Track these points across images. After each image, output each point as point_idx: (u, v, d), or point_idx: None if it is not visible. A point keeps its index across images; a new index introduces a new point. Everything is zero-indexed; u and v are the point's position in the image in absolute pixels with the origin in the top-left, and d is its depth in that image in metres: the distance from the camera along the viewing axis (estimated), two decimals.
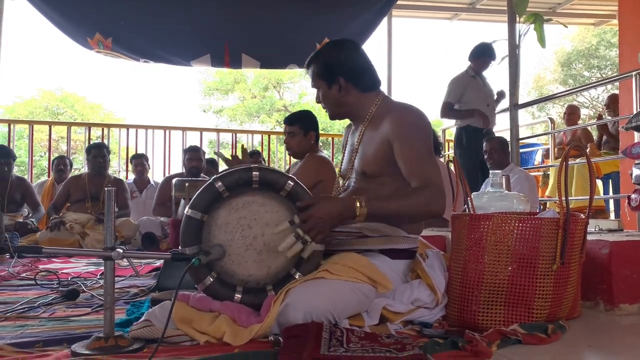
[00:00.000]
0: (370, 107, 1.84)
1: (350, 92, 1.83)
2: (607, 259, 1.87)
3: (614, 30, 9.45)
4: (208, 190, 1.58)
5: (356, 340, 1.34)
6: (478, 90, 4.96)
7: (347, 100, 1.84)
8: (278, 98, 21.34)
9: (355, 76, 1.83)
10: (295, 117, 3.57)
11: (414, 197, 1.63)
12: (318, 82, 1.87)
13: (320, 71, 1.84)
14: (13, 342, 1.42)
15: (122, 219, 4.79)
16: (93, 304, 2.02)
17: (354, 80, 1.83)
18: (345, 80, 1.82)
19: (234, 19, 5.79)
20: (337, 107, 1.88)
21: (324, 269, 1.56)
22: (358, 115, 1.87)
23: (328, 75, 1.83)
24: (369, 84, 1.86)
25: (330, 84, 1.84)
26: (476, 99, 4.91)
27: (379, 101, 1.85)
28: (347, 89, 1.83)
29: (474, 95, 4.92)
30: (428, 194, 1.63)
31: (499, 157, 4.47)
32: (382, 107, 1.83)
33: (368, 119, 1.83)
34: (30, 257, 3.56)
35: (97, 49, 5.83)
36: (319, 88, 1.88)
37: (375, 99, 1.85)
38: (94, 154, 4.96)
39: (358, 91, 1.84)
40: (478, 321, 1.58)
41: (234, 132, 8.19)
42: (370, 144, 1.79)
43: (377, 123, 1.79)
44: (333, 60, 1.83)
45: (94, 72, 33.30)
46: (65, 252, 2.84)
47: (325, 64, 1.83)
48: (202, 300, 1.52)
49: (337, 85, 1.82)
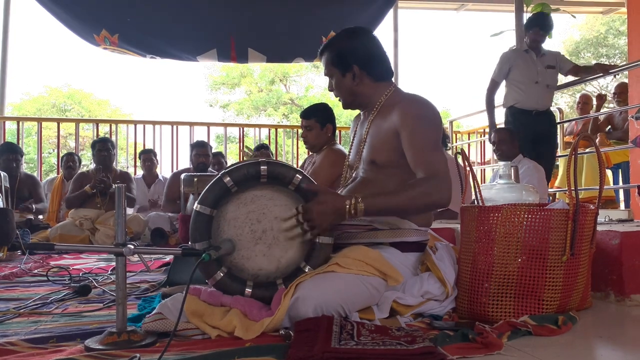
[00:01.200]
0: (381, 97, 1.83)
1: (364, 81, 1.83)
2: (618, 249, 1.86)
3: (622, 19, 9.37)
4: (216, 186, 1.58)
5: (367, 333, 1.35)
6: (527, 66, 4.40)
7: (360, 89, 1.84)
8: (285, 91, 21.32)
9: (369, 65, 1.82)
10: (311, 110, 3.55)
11: (417, 188, 1.61)
12: (332, 70, 1.86)
13: (335, 59, 1.83)
14: (27, 338, 1.43)
15: (132, 214, 4.82)
16: (105, 299, 2.04)
17: (368, 69, 1.82)
18: (359, 69, 1.81)
19: (240, 13, 5.79)
20: (350, 95, 1.87)
21: (334, 262, 1.57)
22: (369, 105, 1.87)
23: (342, 63, 1.82)
24: (382, 73, 1.85)
25: (344, 72, 1.83)
26: (522, 76, 4.39)
27: (390, 92, 1.84)
28: (361, 77, 1.82)
29: (520, 71, 4.40)
30: (432, 185, 1.61)
31: (507, 148, 4.44)
32: (392, 98, 1.82)
33: (377, 108, 1.83)
34: (42, 253, 3.59)
35: (104, 46, 5.86)
36: (332, 76, 1.87)
37: (386, 89, 1.85)
38: (99, 148, 5.00)
39: (371, 80, 1.83)
40: (488, 313, 1.58)
41: (241, 126, 8.17)
42: (378, 133, 1.79)
43: (386, 113, 1.79)
44: (347, 48, 1.82)
45: (101, 68, 33.39)
46: (77, 248, 2.86)
47: (339, 52, 1.83)
48: (213, 295, 1.53)
49: (351, 73, 1.82)
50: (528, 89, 4.36)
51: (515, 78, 4.41)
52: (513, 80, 4.42)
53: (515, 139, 4.55)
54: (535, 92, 4.36)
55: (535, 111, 4.37)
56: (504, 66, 4.45)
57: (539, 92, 4.38)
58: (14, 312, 1.80)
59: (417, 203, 1.63)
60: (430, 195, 1.61)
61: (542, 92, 4.40)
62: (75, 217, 4.77)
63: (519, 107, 4.39)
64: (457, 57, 33.36)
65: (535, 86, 4.36)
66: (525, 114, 4.37)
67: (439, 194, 1.62)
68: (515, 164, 4.08)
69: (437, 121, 1.76)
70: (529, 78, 4.37)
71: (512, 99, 4.44)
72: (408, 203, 1.62)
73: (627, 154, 5.31)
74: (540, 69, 4.40)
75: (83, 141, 11.38)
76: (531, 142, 4.24)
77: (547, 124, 4.46)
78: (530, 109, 4.37)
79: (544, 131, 4.41)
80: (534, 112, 4.36)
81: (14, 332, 1.55)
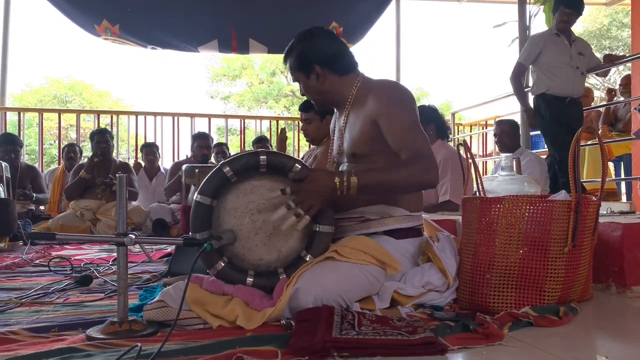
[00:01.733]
0: (351, 90, 1.83)
1: (328, 78, 1.83)
2: (619, 241, 1.86)
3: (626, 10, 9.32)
4: (216, 176, 1.58)
5: (367, 323, 1.35)
6: (561, 50, 4.05)
7: (326, 87, 1.84)
8: (285, 83, 21.26)
9: (330, 61, 1.81)
10: (310, 103, 3.53)
11: (404, 168, 1.59)
12: (297, 75, 1.86)
13: (296, 63, 1.84)
14: (29, 327, 1.44)
15: (133, 205, 4.82)
16: (106, 289, 2.04)
17: (330, 66, 1.82)
18: (320, 67, 1.81)
19: (241, 4, 5.77)
20: (319, 95, 1.87)
21: (334, 250, 1.57)
22: (340, 100, 1.86)
23: (304, 65, 1.82)
24: (346, 67, 1.85)
25: (307, 74, 1.83)
26: (555, 61, 4.03)
27: (359, 82, 1.84)
28: (325, 75, 1.82)
29: (553, 55, 4.03)
30: (419, 165, 1.59)
31: (509, 140, 4.43)
32: (362, 88, 1.82)
33: (350, 101, 1.83)
34: (43, 244, 3.60)
35: (105, 36, 5.84)
36: (299, 81, 1.88)
37: (354, 81, 1.84)
38: (97, 139, 4.99)
39: (336, 76, 1.83)
40: (489, 304, 1.58)
41: (242, 118, 8.16)
42: (355, 125, 1.78)
43: (360, 104, 1.79)
44: (305, 49, 1.82)
45: (102, 59, 33.35)
46: (78, 238, 2.86)
47: (298, 55, 1.83)
48: (216, 283, 1.53)
49: (314, 74, 1.82)
50: (562, 74, 4.01)
51: (547, 62, 4.06)
52: (545, 65, 4.06)
53: (517, 130, 4.53)
54: (571, 78, 4.02)
55: (569, 98, 4.02)
56: (533, 49, 4.10)
57: (574, 78, 4.03)
58: (16, 302, 1.80)
59: (407, 181, 1.59)
60: (420, 175, 1.59)
61: (577, 78, 4.05)
62: (77, 208, 4.77)
63: (552, 94, 4.03)
64: (460, 49, 33.19)
65: (570, 71, 4.02)
66: (559, 100, 4.02)
67: (427, 173, 1.60)
68: (517, 155, 4.08)
69: (411, 102, 1.76)
70: (563, 63, 4.02)
71: (544, 86, 4.05)
72: (400, 180, 1.58)
73: (630, 147, 5.30)
74: (574, 54, 4.07)
75: (84, 132, 11.36)
76: (565, 131, 3.87)
77: (579, 113, 4.15)
78: (565, 95, 4.02)
79: (577, 120, 4.05)
80: (567, 99, 4.02)
81: (15, 321, 1.55)
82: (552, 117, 4.01)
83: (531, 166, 4.20)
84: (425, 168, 1.60)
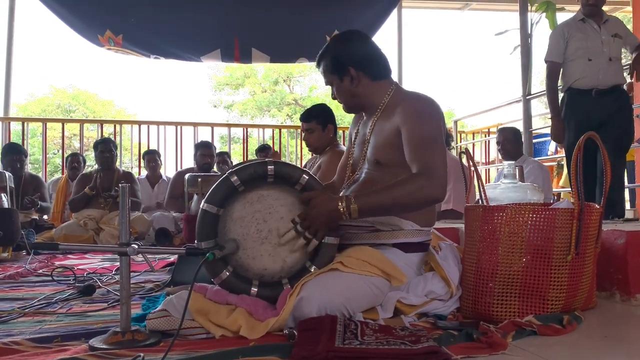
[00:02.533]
0: (383, 97, 1.83)
1: (362, 82, 1.83)
2: (623, 249, 1.86)
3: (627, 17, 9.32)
4: (223, 185, 1.59)
5: (370, 333, 1.35)
6: (587, 36, 3.56)
7: (359, 90, 1.84)
8: (288, 92, 21.32)
9: (365, 65, 1.82)
10: (311, 112, 3.51)
11: (408, 184, 1.58)
12: (330, 77, 1.86)
13: (330, 65, 1.84)
14: (32, 338, 1.44)
15: (136, 214, 4.83)
16: (109, 299, 2.04)
17: (364, 69, 1.82)
18: (355, 70, 1.81)
19: (243, 14, 5.80)
20: (351, 98, 1.87)
21: (338, 262, 1.57)
22: (371, 105, 1.86)
23: (338, 68, 1.82)
24: (380, 71, 1.85)
25: (341, 77, 1.83)
26: (577, 49, 3.57)
27: (392, 91, 1.84)
28: (359, 78, 1.82)
29: (578, 44, 3.57)
30: (424, 181, 1.57)
31: (512, 147, 4.42)
32: (394, 97, 1.82)
33: (381, 108, 1.83)
34: (46, 253, 3.61)
35: (108, 46, 5.88)
36: (332, 83, 1.88)
37: (388, 88, 1.84)
38: (101, 149, 5.01)
39: (369, 80, 1.83)
40: (492, 313, 1.57)
41: (245, 127, 8.17)
42: (382, 132, 1.78)
43: (389, 113, 1.78)
44: (341, 52, 1.83)
45: (105, 69, 33.48)
46: (81, 248, 2.87)
47: (334, 58, 1.83)
48: (219, 293, 1.53)
49: (348, 76, 1.82)
50: (586, 63, 3.54)
51: (571, 52, 3.61)
52: (569, 56, 3.63)
53: (520, 138, 4.52)
54: (596, 66, 3.52)
55: (595, 90, 3.51)
56: (559, 42, 3.64)
57: (600, 65, 3.52)
58: (19, 312, 1.80)
59: (409, 199, 1.58)
60: (422, 190, 1.57)
61: (602, 66, 3.52)
62: (80, 217, 4.78)
63: (576, 87, 3.58)
64: (462, 57, 33.30)
65: (598, 58, 3.52)
66: (582, 94, 3.55)
67: (430, 190, 1.57)
68: (520, 163, 4.07)
69: (437, 117, 1.75)
70: (591, 49, 3.54)
71: (569, 79, 3.63)
72: (400, 199, 1.57)
73: (633, 154, 5.29)
74: (606, 38, 3.55)
75: (87, 142, 11.38)
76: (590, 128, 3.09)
77: (612, 105, 3.51)
78: (589, 87, 3.53)
79: (608, 114, 3.49)
80: (593, 91, 3.52)
81: (18, 331, 1.55)
82: (569, 115, 3.59)
83: (534, 174, 4.20)
84: (428, 184, 1.57)
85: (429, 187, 1.57)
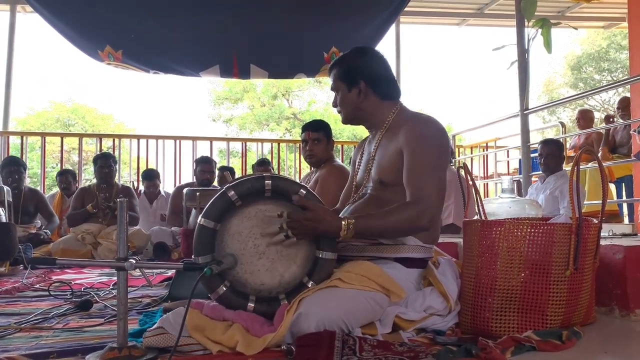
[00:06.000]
0: (387, 116, 1.86)
1: (369, 98, 1.85)
2: (622, 263, 1.85)
3: (623, 33, 9.42)
4: (221, 200, 1.59)
5: (369, 348, 1.34)
6: None
7: (365, 105, 1.86)
8: (287, 106, 21.40)
9: (375, 82, 1.85)
10: (319, 124, 3.51)
11: (399, 213, 1.65)
12: (338, 84, 1.89)
13: (343, 73, 1.87)
14: (28, 353, 1.43)
15: (134, 228, 4.82)
16: (106, 314, 2.03)
17: (374, 86, 1.85)
18: (365, 85, 1.84)
19: (242, 30, 5.83)
20: (354, 110, 1.89)
21: (337, 278, 1.57)
22: (374, 123, 1.89)
23: (349, 77, 1.85)
24: (389, 92, 1.88)
25: (350, 87, 1.86)
26: None
27: (397, 111, 1.86)
28: (367, 93, 1.85)
29: None
30: (414, 210, 1.65)
31: (554, 162, 4.22)
32: (399, 117, 1.85)
33: (385, 127, 1.85)
34: (44, 268, 3.59)
35: (108, 61, 5.90)
36: (339, 90, 1.90)
37: (392, 108, 1.87)
38: (100, 164, 5.01)
39: (377, 97, 1.86)
40: (491, 328, 1.56)
41: (244, 141, 8.20)
42: (386, 152, 1.81)
43: (393, 132, 1.80)
44: (356, 63, 1.86)
45: (105, 83, 33.65)
46: (79, 263, 2.86)
47: (348, 67, 1.86)
48: (216, 309, 1.53)
49: (357, 88, 1.85)
50: None
51: None
52: None
53: (562, 152, 4.23)
54: None
55: None
56: None
57: None
58: (15, 327, 1.79)
59: (400, 228, 1.68)
60: (411, 220, 1.65)
61: None
62: (78, 232, 4.77)
63: None
64: (459, 72, 33.53)
65: None
66: None
67: (419, 220, 1.65)
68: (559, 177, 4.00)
69: (440, 142, 1.77)
70: None
71: None
72: (392, 228, 1.67)
73: (630, 168, 5.29)
74: None
75: (86, 155, 11.41)
76: None
77: None
78: None
79: None
80: None
81: (15, 347, 1.54)
82: None
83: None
84: (418, 214, 1.65)
85: (419, 219, 1.65)
